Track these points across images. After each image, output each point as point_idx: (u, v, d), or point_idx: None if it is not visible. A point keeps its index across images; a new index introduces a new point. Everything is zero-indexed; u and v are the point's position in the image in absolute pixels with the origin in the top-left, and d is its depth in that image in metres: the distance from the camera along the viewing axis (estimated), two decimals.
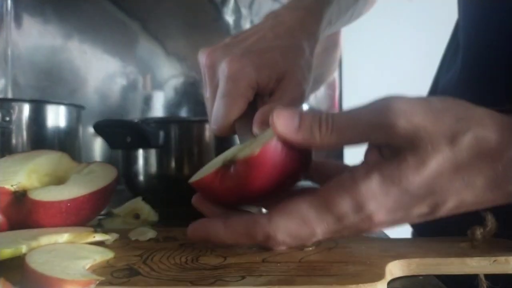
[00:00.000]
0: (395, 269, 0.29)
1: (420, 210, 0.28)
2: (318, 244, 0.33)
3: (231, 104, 0.38)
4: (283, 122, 0.29)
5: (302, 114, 0.29)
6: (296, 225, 0.29)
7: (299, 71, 0.40)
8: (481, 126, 0.27)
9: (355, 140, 0.29)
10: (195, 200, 0.34)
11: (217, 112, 0.39)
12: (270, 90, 0.41)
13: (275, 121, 0.29)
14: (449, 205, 0.28)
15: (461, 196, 0.28)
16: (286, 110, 0.29)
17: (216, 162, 0.33)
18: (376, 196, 0.27)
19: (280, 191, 0.32)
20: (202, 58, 0.42)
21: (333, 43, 0.91)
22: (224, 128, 0.39)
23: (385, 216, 0.28)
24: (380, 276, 0.26)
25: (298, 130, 0.29)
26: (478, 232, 0.31)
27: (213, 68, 0.41)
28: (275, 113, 0.29)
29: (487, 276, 0.30)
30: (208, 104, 0.43)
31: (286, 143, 0.29)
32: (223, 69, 0.39)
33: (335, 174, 0.29)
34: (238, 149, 0.33)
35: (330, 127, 0.29)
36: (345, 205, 0.28)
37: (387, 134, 0.27)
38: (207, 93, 0.42)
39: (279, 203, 0.29)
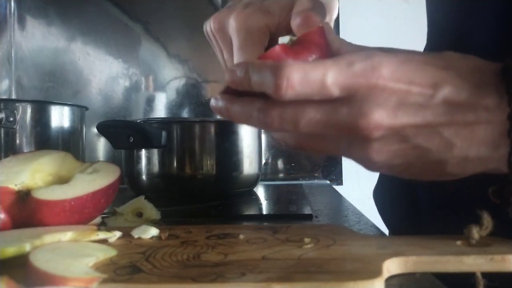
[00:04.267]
0: (392, 266, 0.29)
1: (422, 88, 0.28)
2: (317, 241, 0.34)
3: (248, 53, 0.38)
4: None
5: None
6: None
7: None
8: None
9: None
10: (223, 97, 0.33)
11: None
12: (284, 28, 0.40)
13: None
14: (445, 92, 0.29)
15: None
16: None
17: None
18: (389, 58, 0.28)
19: None
20: (209, 25, 0.42)
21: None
22: None
23: (391, 71, 0.28)
24: (377, 273, 0.27)
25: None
26: (475, 230, 0.31)
27: (222, 29, 0.41)
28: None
29: (484, 274, 0.30)
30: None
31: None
32: (231, 25, 0.39)
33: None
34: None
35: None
36: (358, 56, 0.29)
37: None
38: (224, 55, 0.42)
39: None
